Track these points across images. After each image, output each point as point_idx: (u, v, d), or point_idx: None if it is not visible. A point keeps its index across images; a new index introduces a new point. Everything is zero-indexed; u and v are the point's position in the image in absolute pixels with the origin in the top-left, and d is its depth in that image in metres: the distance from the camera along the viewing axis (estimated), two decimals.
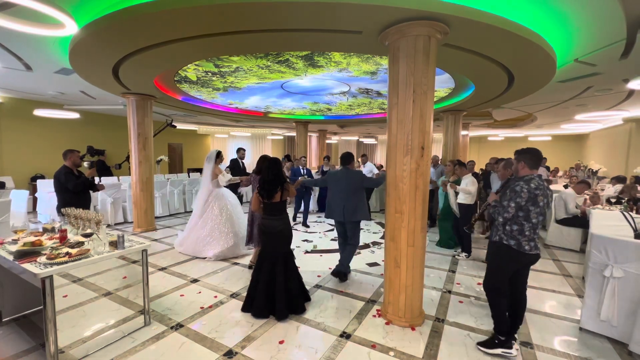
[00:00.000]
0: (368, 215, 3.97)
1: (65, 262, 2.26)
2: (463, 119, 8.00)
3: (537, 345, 2.68)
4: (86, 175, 4.17)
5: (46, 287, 2.13)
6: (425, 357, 2.50)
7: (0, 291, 2.87)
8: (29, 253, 2.40)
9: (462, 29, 2.90)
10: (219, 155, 4.77)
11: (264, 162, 3.35)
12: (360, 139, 19.22)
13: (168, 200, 8.03)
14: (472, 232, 6.18)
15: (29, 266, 2.21)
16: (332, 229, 6.54)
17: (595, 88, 5.70)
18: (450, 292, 3.68)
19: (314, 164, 15.89)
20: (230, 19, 2.87)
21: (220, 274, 4.10)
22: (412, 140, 2.81)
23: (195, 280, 3.89)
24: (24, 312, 3.01)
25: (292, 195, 3.23)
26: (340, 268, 3.94)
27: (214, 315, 3.08)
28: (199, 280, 3.89)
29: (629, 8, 2.79)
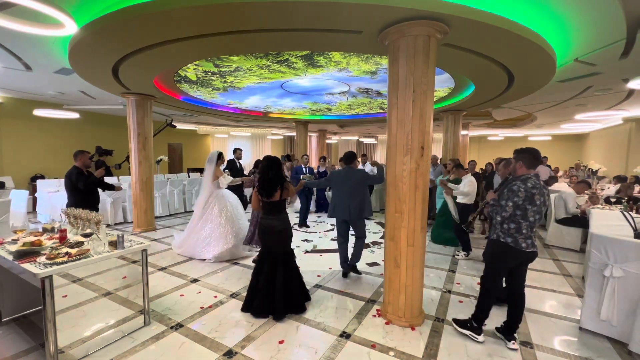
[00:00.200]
0: (371, 210, 4.02)
1: (65, 262, 2.26)
2: (463, 119, 8.00)
3: (537, 345, 2.68)
4: (96, 175, 4.29)
5: (46, 287, 2.13)
6: (425, 357, 2.50)
7: (0, 291, 2.87)
8: (29, 253, 2.40)
9: (462, 28, 2.90)
10: (220, 157, 4.74)
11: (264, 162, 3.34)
12: (360, 139, 19.22)
13: (168, 200, 8.02)
14: (472, 231, 6.23)
15: (28, 266, 2.21)
16: (332, 229, 6.54)
17: (595, 88, 5.70)
18: (450, 292, 3.68)
19: (314, 164, 15.88)
20: (230, 19, 2.87)
21: (220, 274, 4.10)
22: (412, 140, 2.81)
23: (195, 280, 3.89)
24: (24, 312, 3.01)
25: (292, 194, 3.22)
26: (354, 261, 4.11)
27: (214, 315, 3.08)
28: (198, 280, 3.89)
29: (629, 8, 2.79)
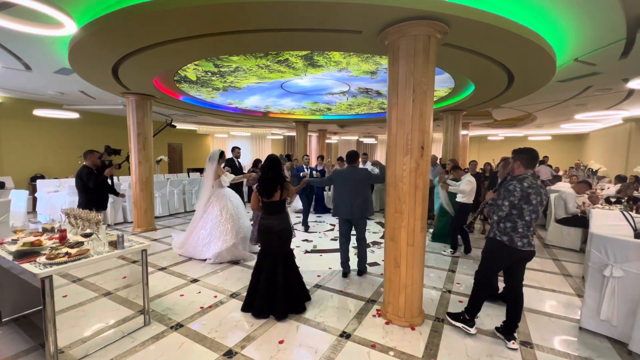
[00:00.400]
0: (373, 210, 4.04)
1: (65, 262, 2.26)
2: (463, 119, 8.00)
3: (537, 345, 2.68)
4: (105, 174, 4.41)
5: (46, 287, 2.13)
6: (425, 357, 2.50)
7: (0, 291, 2.87)
8: (29, 253, 2.40)
9: (462, 28, 2.90)
10: (221, 156, 4.71)
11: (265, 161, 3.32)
12: (360, 139, 19.22)
13: (168, 200, 8.02)
14: (472, 231, 6.23)
15: (28, 266, 2.21)
16: (332, 229, 6.54)
17: (595, 87, 5.70)
18: (450, 292, 3.68)
19: (313, 164, 15.86)
20: (230, 19, 2.87)
21: (220, 274, 4.10)
22: (412, 140, 2.81)
23: (195, 280, 3.89)
24: (24, 312, 3.01)
25: (292, 194, 3.22)
26: (362, 265, 4.20)
27: (214, 315, 3.08)
28: (198, 280, 3.89)
29: (629, 8, 2.79)
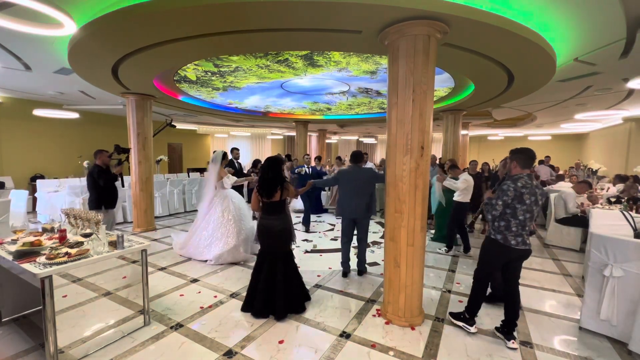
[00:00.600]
0: (376, 210, 4.06)
1: (65, 262, 2.26)
2: (463, 119, 8.00)
3: (537, 345, 2.68)
4: (114, 172, 4.63)
5: (45, 287, 2.13)
6: (425, 357, 2.50)
7: (0, 291, 2.87)
8: (29, 253, 2.40)
9: (462, 28, 2.89)
10: (224, 157, 4.70)
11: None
12: (360, 139, 19.22)
13: (168, 200, 8.02)
14: (472, 232, 6.23)
15: (28, 266, 2.21)
16: (332, 229, 6.53)
17: (595, 87, 5.70)
18: (450, 292, 3.67)
19: (313, 164, 15.85)
20: (230, 19, 2.86)
21: (220, 274, 4.10)
22: (412, 140, 2.80)
23: (195, 280, 3.89)
24: (24, 312, 3.01)
25: (292, 195, 3.21)
26: (362, 266, 4.21)
27: (214, 315, 3.08)
28: (198, 280, 3.89)
29: (629, 7, 2.79)
